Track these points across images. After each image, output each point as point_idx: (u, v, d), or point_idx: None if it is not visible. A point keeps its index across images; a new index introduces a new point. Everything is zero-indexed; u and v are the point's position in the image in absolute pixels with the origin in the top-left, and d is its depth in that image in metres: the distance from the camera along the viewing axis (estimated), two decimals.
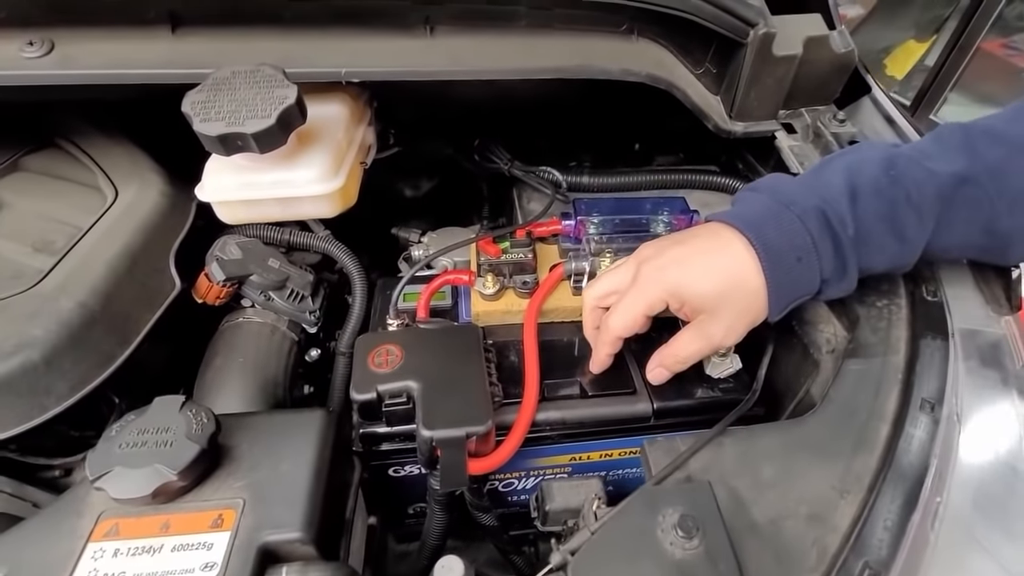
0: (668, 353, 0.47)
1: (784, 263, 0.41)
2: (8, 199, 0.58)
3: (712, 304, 0.42)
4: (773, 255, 0.41)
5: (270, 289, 0.64)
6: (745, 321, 0.43)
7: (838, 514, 0.36)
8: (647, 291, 0.44)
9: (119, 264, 0.51)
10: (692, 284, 0.42)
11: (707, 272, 0.42)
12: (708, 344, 0.45)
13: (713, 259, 0.42)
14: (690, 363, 0.48)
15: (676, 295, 0.43)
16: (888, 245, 0.42)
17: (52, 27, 0.45)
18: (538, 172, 0.73)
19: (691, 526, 0.33)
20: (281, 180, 0.44)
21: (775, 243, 0.41)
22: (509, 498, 0.61)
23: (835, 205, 0.41)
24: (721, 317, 0.43)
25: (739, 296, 0.42)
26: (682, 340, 0.46)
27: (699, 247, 0.43)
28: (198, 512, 0.35)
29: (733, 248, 0.42)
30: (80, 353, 0.46)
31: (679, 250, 0.44)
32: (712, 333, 0.43)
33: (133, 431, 0.36)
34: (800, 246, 0.41)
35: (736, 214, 0.44)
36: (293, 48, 0.49)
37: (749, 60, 0.58)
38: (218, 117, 0.40)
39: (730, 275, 0.41)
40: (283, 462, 0.38)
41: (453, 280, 0.60)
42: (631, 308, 0.45)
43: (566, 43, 0.55)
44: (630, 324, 0.45)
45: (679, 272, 0.43)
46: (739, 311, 0.42)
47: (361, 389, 0.47)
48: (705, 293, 0.42)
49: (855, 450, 0.40)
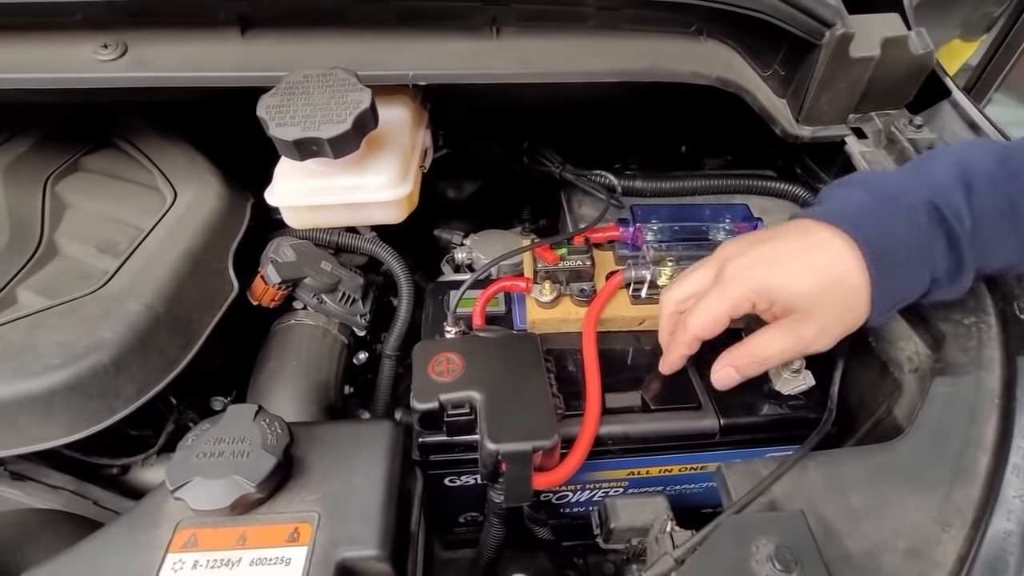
0: (743, 353, 0.43)
1: (891, 260, 0.37)
2: (72, 200, 0.58)
3: (807, 304, 0.39)
4: (879, 251, 0.37)
5: (323, 292, 0.64)
6: (842, 324, 0.40)
7: (940, 549, 0.34)
8: (732, 289, 0.41)
9: (181, 266, 0.51)
10: (785, 282, 0.39)
11: (802, 269, 0.38)
12: (796, 346, 0.41)
13: (809, 256, 0.39)
14: (768, 366, 0.44)
15: (765, 294, 0.40)
16: (1008, 242, 0.38)
17: (125, 30, 0.45)
18: (591, 176, 0.72)
19: (788, 559, 0.31)
20: (352, 185, 0.44)
21: (881, 239, 0.37)
22: (562, 510, 0.60)
23: (948, 198, 0.37)
24: (815, 318, 0.39)
25: (838, 296, 0.38)
26: (764, 338, 0.42)
27: (791, 245, 0.40)
28: (274, 525, 0.34)
29: (832, 245, 0.38)
30: (146, 355, 0.46)
31: (767, 248, 0.40)
32: (803, 334, 0.40)
33: (210, 440, 0.35)
34: (909, 242, 0.37)
35: (830, 211, 0.40)
36: (359, 50, 0.48)
37: (823, 62, 0.55)
38: (293, 122, 0.39)
39: (829, 272, 0.38)
40: (355, 475, 0.38)
41: (509, 287, 0.59)
42: (713, 307, 0.42)
43: (634, 44, 0.54)
44: (710, 324, 0.42)
45: (769, 271, 0.39)
46: (836, 312, 0.39)
47: (423, 398, 0.46)
48: (799, 291, 0.38)
49: (953, 480, 0.37)
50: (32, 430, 0.42)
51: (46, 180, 0.59)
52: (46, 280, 0.50)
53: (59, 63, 0.44)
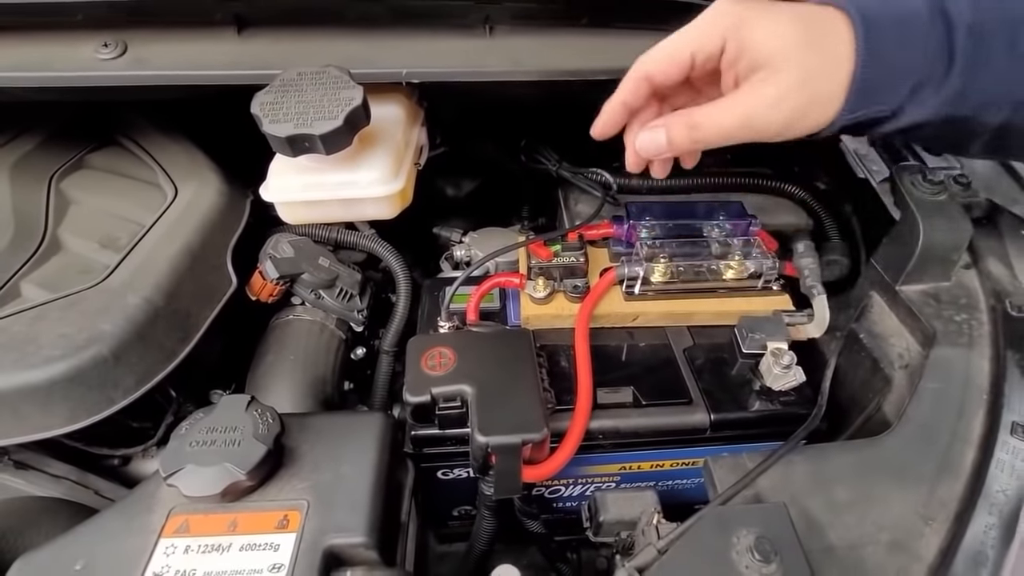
0: (682, 117, 0.37)
1: (884, 37, 0.33)
2: (75, 196, 0.60)
3: (779, 56, 0.33)
4: (872, 22, 0.33)
5: (320, 287, 0.65)
6: (805, 96, 0.34)
7: (923, 543, 0.34)
8: (701, 19, 0.36)
9: (180, 261, 0.52)
10: (764, 25, 0.34)
11: (787, 17, 0.34)
12: (746, 117, 0.35)
13: (798, 10, 0.34)
14: (704, 143, 0.37)
15: (738, 34, 0.34)
16: (1002, 60, 0.34)
17: (125, 29, 0.46)
18: (587, 173, 0.72)
19: (768, 549, 0.32)
20: (344, 181, 0.44)
21: (876, 9, 0.33)
22: (554, 504, 0.60)
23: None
24: (781, 78, 0.33)
25: (813, 59, 0.33)
26: (716, 106, 0.36)
27: (780, 6, 0.35)
28: (264, 512, 0.35)
29: (825, 9, 0.34)
30: (145, 348, 0.47)
31: (757, 5, 0.35)
32: (759, 99, 0.34)
33: (202, 429, 0.36)
34: (903, 18, 0.33)
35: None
36: (354, 49, 0.49)
37: None
38: (286, 118, 0.40)
39: (814, 28, 0.33)
40: (344, 465, 0.38)
41: (504, 283, 0.60)
42: (673, 38, 0.36)
43: (627, 42, 0.54)
44: (665, 55, 0.36)
45: (747, 13, 0.34)
46: (805, 78, 0.33)
47: (415, 391, 0.47)
48: (774, 38, 0.33)
49: (938, 475, 0.38)
50: (34, 420, 0.43)
51: (51, 177, 0.60)
52: (49, 274, 0.51)
53: (61, 62, 0.45)
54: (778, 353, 0.51)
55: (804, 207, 0.68)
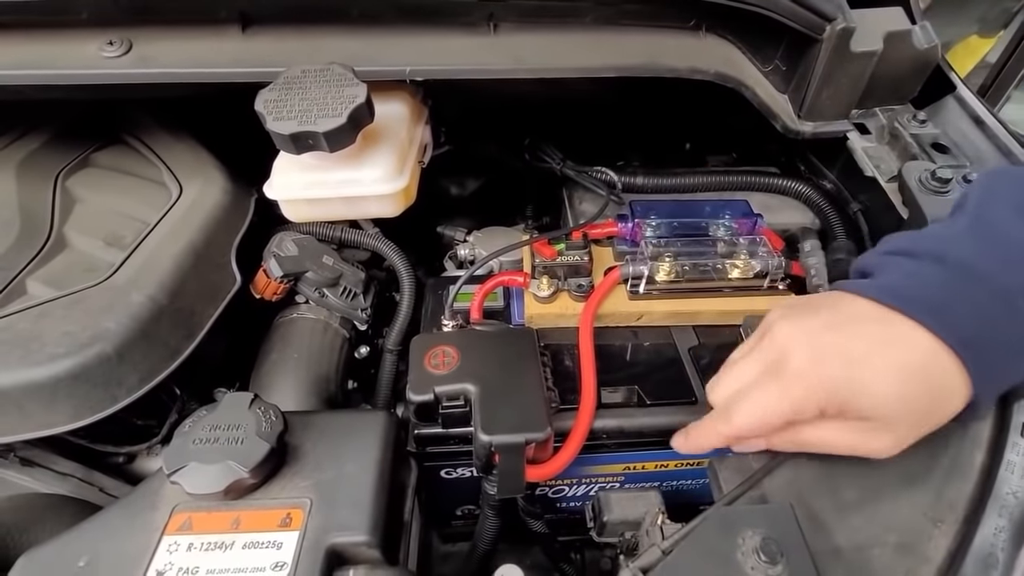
0: (794, 440, 0.35)
1: (994, 358, 0.32)
2: (81, 194, 0.60)
3: (888, 413, 0.32)
4: (979, 352, 0.31)
5: (324, 286, 0.65)
6: (921, 431, 0.33)
7: (931, 545, 0.34)
8: (797, 388, 0.33)
9: (184, 259, 0.52)
10: (866, 386, 0.31)
11: (889, 370, 0.31)
12: (861, 453, 0.34)
13: (895, 355, 0.31)
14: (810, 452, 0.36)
15: (838, 398, 0.32)
16: None
17: (130, 27, 0.46)
18: (591, 172, 0.72)
19: (774, 551, 0.31)
20: (348, 179, 0.44)
21: (978, 335, 0.31)
22: (558, 504, 0.60)
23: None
24: (895, 428, 0.32)
25: (925, 404, 0.32)
26: (824, 437, 0.34)
27: (869, 338, 0.32)
28: (267, 510, 0.35)
29: (920, 341, 0.31)
30: (149, 346, 0.48)
31: (840, 337, 0.33)
32: (873, 445, 0.33)
33: (206, 427, 0.36)
34: (1011, 333, 0.31)
35: (903, 294, 0.33)
36: (358, 46, 0.49)
37: (824, 57, 0.55)
38: (290, 116, 0.40)
39: (916, 374, 0.31)
40: (347, 463, 0.38)
41: (507, 281, 0.59)
42: (769, 404, 0.33)
43: (632, 40, 0.54)
44: (760, 423, 0.34)
45: (846, 369, 0.32)
46: (920, 422, 0.32)
47: (419, 390, 0.47)
48: (883, 398, 0.31)
49: (947, 476, 0.37)
50: (38, 417, 0.43)
51: (57, 175, 0.61)
52: (55, 272, 0.52)
53: (66, 60, 0.45)
54: None
55: (811, 206, 0.68)
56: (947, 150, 0.57)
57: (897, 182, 0.56)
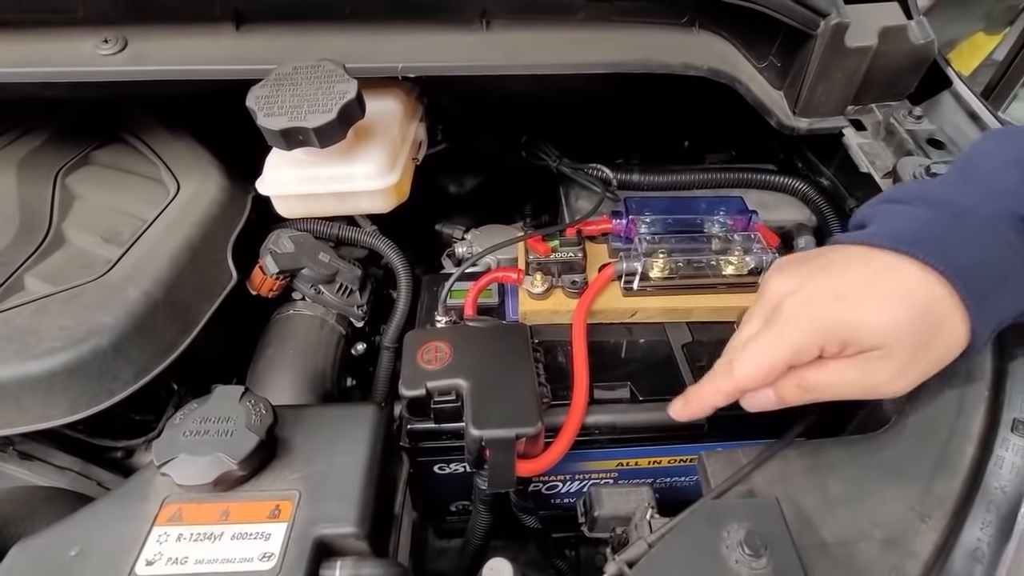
0: (800, 383, 0.35)
1: (985, 285, 0.32)
2: (80, 191, 0.61)
3: (887, 340, 0.32)
4: (967, 274, 0.31)
5: (320, 283, 0.65)
6: (927, 362, 0.33)
7: (918, 540, 0.34)
8: (793, 330, 0.33)
9: (181, 255, 0.53)
10: (861, 316, 0.32)
11: (881, 299, 0.32)
12: (865, 392, 0.34)
13: (886, 284, 0.32)
14: (823, 400, 0.36)
15: (837, 334, 0.32)
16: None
17: (125, 25, 0.47)
18: (587, 169, 0.72)
19: (759, 544, 0.31)
20: (339, 175, 0.45)
21: (966, 259, 0.31)
22: (552, 500, 0.60)
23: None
24: (896, 356, 0.32)
25: (924, 329, 0.32)
26: (825, 376, 0.34)
27: (857, 272, 0.33)
28: (256, 502, 0.36)
29: (907, 272, 0.32)
30: (145, 341, 0.48)
31: (833, 282, 0.33)
32: (877, 376, 0.33)
33: (196, 419, 0.36)
34: (1001, 261, 0.32)
35: (891, 234, 0.33)
36: (351, 43, 0.49)
37: (818, 52, 0.55)
38: (281, 112, 0.40)
39: (914, 301, 0.31)
40: (337, 456, 0.39)
41: (501, 278, 0.60)
42: (768, 351, 0.34)
43: (625, 36, 0.54)
44: (763, 373, 0.34)
45: (838, 304, 0.32)
46: (921, 350, 0.32)
47: (410, 385, 0.47)
48: (879, 325, 0.31)
49: (936, 471, 0.37)
50: (35, 410, 0.44)
51: (57, 173, 0.61)
52: (52, 268, 0.52)
53: (62, 58, 0.46)
54: None
55: (807, 202, 0.67)
56: (943, 146, 0.57)
57: (892, 178, 0.55)
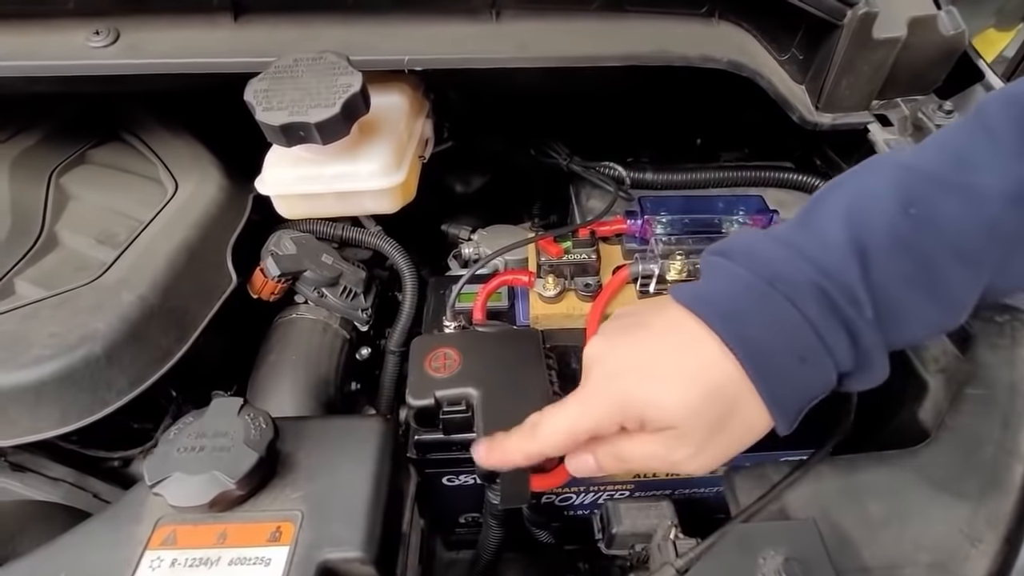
0: (609, 450, 0.34)
1: (781, 368, 0.30)
2: (75, 191, 0.59)
3: (679, 421, 0.30)
4: (761, 357, 0.29)
5: (323, 285, 0.63)
6: (728, 442, 0.31)
7: (969, 566, 0.31)
8: (594, 403, 0.32)
9: (178, 258, 0.51)
10: (652, 397, 0.31)
11: (673, 379, 0.30)
12: (669, 467, 0.33)
13: (679, 361, 0.31)
14: (632, 469, 0.36)
15: (633, 412, 0.31)
16: (926, 313, 0.30)
17: (117, 16, 0.45)
18: (599, 168, 0.69)
19: (798, 572, 0.29)
20: (342, 173, 0.42)
21: (760, 341, 0.29)
22: (565, 513, 0.58)
23: (840, 277, 0.29)
24: (691, 437, 0.31)
25: (717, 409, 0.30)
26: (633, 448, 0.33)
27: (657, 346, 0.32)
28: (256, 523, 0.33)
29: (702, 349, 0.30)
30: (140, 348, 0.46)
31: (631, 352, 0.33)
32: (676, 455, 0.31)
33: (191, 434, 0.34)
34: (798, 342, 0.29)
35: (700, 295, 0.32)
36: (354, 35, 0.47)
37: (844, 44, 0.52)
38: (280, 106, 0.38)
39: (705, 382, 0.30)
40: (341, 473, 0.36)
41: (512, 281, 0.57)
42: (572, 421, 0.33)
43: (640, 27, 0.51)
44: (563, 439, 0.33)
45: (634, 382, 0.31)
46: (714, 428, 0.31)
47: (418, 395, 0.45)
48: (668, 406, 0.30)
49: (984, 490, 0.34)
50: (23, 421, 0.42)
51: (51, 173, 0.59)
52: (44, 271, 0.50)
53: (52, 50, 0.44)
54: None
55: None
56: None
57: None
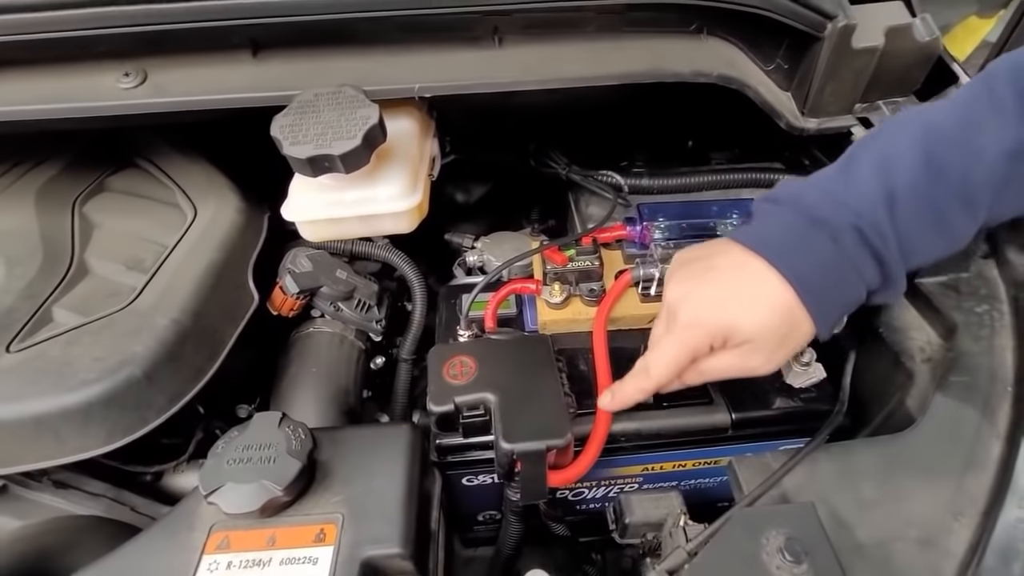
0: (696, 367, 0.44)
1: (824, 289, 0.39)
2: (99, 219, 0.61)
3: (756, 337, 0.40)
4: (811, 285, 0.39)
5: (339, 300, 0.66)
6: (788, 348, 0.41)
7: (952, 539, 0.35)
8: (687, 334, 0.41)
9: (205, 281, 0.54)
10: (736, 321, 0.40)
11: (750, 307, 0.40)
12: (744, 371, 0.42)
13: (753, 293, 0.40)
14: (712, 380, 0.45)
15: (720, 334, 0.41)
16: (936, 245, 0.40)
17: (144, 57, 0.47)
18: (597, 176, 0.72)
19: (799, 550, 0.32)
20: (364, 198, 0.45)
21: (810, 273, 0.39)
22: (578, 506, 0.61)
23: (871, 218, 0.38)
24: (763, 348, 0.40)
25: (784, 326, 0.40)
26: (715, 363, 0.43)
27: (733, 281, 0.41)
28: (301, 526, 0.36)
29: (767, 282, 0.39)
30: (175, 368, 0.49)
31: (713, 292, 0.41)
32: (752, 362, 0.41)
33: (238, 447, 0.37)
34: (839, 271, 0.39)
35: (760, 238, 0.41)
36: (366, 66, 0.50)
37: (826, 55, 0.55)
38: (306, 140, 0.40)
39: (773, 308, 0.39)
40: (375, 477, 0.39)
41: (520, 289, 0.60)
42: (671, 352, 0.42)
43: (635, 46, 0.54)
44: (673, 370, 0.43)
45: (720, 312, 0.41)
46: (781, 340, 0.40)
47: (439, 401, 0.48)
48: (750, 328, 0.40)
49: (966, 469, 0.38)
50: (73, 441, 0.45)
51: (74, 202, 0.62)
52: (79, 298, 0.53)
53: (85, 93, 0.46)
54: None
55: None
56: None
57: None
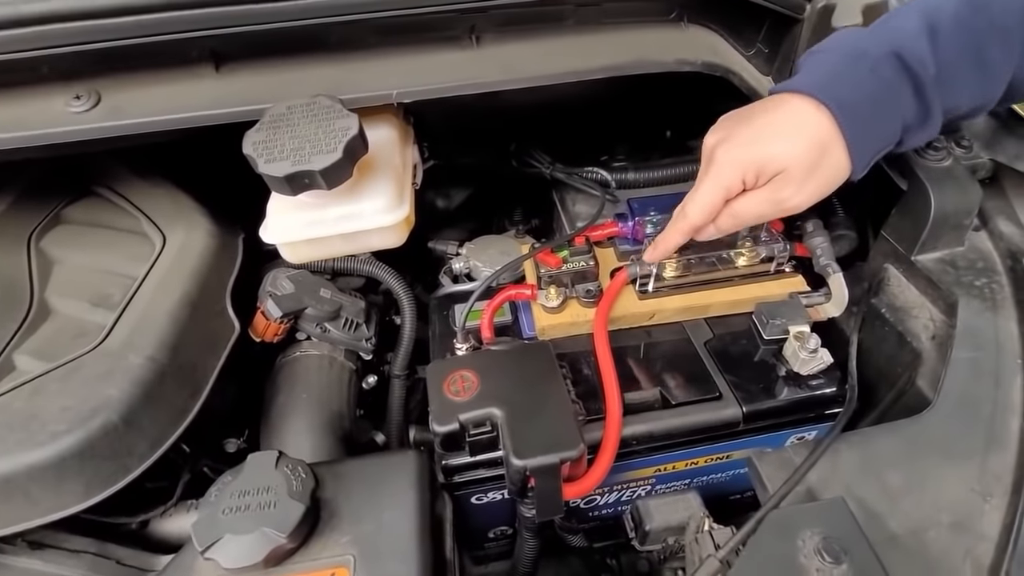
0: (730, 211, 0.45)
1: (860, 115, 0.39)
2: (57, 254, 0.57)
3: (786, 163, 0.41)
4: (847, 109, 0.39)
5: (325, 320, 0.63)
6: (821, 180, 0.42)
7: (985, 520, 0.34)
8: (723, 172, 0.43)
9: (180, 313, 0.50)
10: (767, 151, 0.41)
11: (781, 135, 0.41)
12: (776, 208, 0.43)
13: (785, 124, 0.41)
14: (745, 224, 0.48)
15: (753, 168, 0.42)
16: (973, 80, 0.40)
17: (96, 78, 0.43)
18: (583, 173, 0.71)
19: (837, 549, 0.31)
20: (348, 214, 0.43)
21: (848, 96, 0.39)
22: (591, 514, 0.59)
23: (912, 45, 0.39)
24: (794, 176, 0.41)
25: (815, 154, 0.40)
26: (746, 202, 0.44)
27: (767, 118, 0.42)
28: (311, 573, 0.34)
29: (804, 110, 0.40)
30: (155, 409, 0.45)
31: (748, 130, 0.43)
32: (782, 193, 0.42)
33: (234, 494, 0.34)
34: (876, 94, 0.39)
35: (801, 80, 0.42)
36: (339, 73, 0.47)
37: (806, 36, 0.54)
38: (282, 156, 0.38)
39: (805, 134, 0.40)
40: (384, 511, 0.37)
41: (515, 295, 0.58)
42: (708, 192, 0.44)
43: (616, 38, 0.53)
44: (708, 209, 0.44)
45: (752, 146, 0.42)
46: (811, 167, 0.41)
47: (443, 421, 0.45)
48: (779, 154, 0.40)
49: (987, 447, 0.37)
50: (47, 501, 0.41)
51: (29, 237, 0.57)
52: (42, 342, 0.49)
53: (32, 120, 0.42)
54: (802, 337, 0.51)
55: None
56: None
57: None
